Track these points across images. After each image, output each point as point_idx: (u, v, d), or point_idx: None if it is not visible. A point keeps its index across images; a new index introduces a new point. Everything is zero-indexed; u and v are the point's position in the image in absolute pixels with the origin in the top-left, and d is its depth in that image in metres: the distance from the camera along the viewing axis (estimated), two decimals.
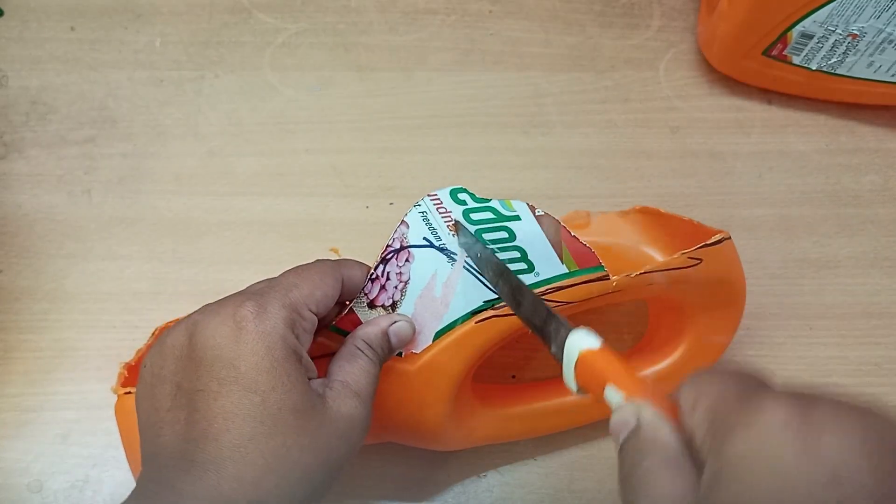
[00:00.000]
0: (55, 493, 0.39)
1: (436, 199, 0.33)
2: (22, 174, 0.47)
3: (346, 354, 0.30)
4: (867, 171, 0.48)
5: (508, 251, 0.32)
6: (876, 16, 0.43)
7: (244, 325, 0.26)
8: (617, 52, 0.52)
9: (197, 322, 0.27)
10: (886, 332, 0.44)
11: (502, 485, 0.39)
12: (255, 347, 0.26)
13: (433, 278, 0.32)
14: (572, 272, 0.32)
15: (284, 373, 0.26)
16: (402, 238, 0.32)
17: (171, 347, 0.27)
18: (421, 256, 0.32)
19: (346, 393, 0.28)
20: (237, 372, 0.25)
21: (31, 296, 0.43)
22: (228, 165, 0.47)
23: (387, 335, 0.31)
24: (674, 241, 0.39)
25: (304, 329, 0.28)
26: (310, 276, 0.29)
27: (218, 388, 0.25)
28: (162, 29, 0.51)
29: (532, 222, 0.33)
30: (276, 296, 0.27)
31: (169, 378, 0.27)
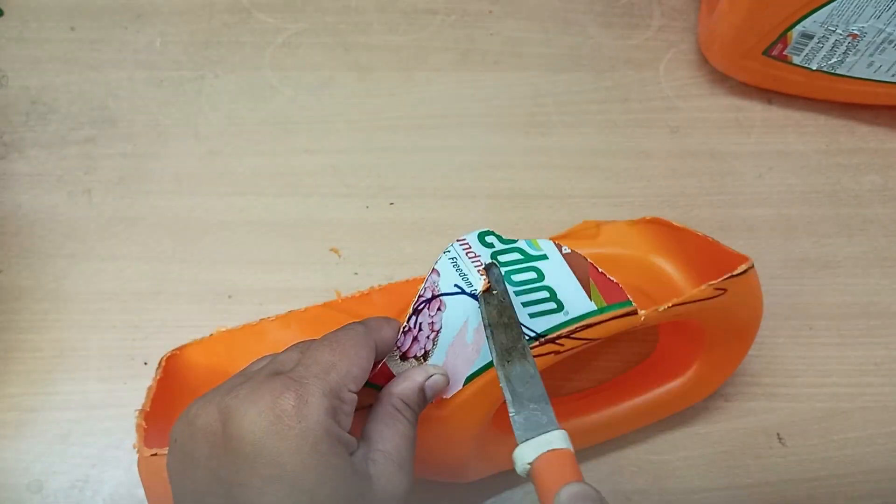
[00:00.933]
0: (55, 493, 0.39)
1: (464, 243, 0.32)
2: (22, 174, 0.47)
3: (383, 416, 0.29)
4: (867, 171, 0.48)
5: (537, 291, 0.32)
6: (876, 16, 0.43)
7: (285, 420, 0.25)
8: (617, 52, 0.52)
9: (231, 409, 0.25)
10: (886, 332, 0.44)
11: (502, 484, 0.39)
12: (299, 445, 0.25)
13: (465, 325, 0.31)
14: (601, 309, 0.32)
15: (331, 466, 0.25)
16: (433, 287, 0.31)
17: (204, 431, 0.26)
18: (452, 304, 0.31)
19: (391, 468, 0.27)
20: (282, 470, 0.24)
21: (31, 296, 0.43)
22: (228, 165, 0.47)
23: (423, 391, 0.30)
24: (685, 254, 0.39)
25: (345, 413, 0.27)
26: (345, 351, 0.28)
27: (261, 485, 0.24)
28: (162, 29, 0.51)
29: (559, 261, 0.33)
30: (315, 383, 0.26)
31: (203, 463, 0.26)
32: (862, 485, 0.40)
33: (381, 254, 0.45)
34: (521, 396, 0.28)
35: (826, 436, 0.41)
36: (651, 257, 0.40)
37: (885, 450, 0.41)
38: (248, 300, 0.43)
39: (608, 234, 0.40)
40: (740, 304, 0.36)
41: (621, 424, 0.39)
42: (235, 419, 0.25)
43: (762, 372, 0.42)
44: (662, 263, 0.39)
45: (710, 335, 0.37)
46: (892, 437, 0.41)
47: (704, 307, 0.34)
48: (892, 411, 0.42)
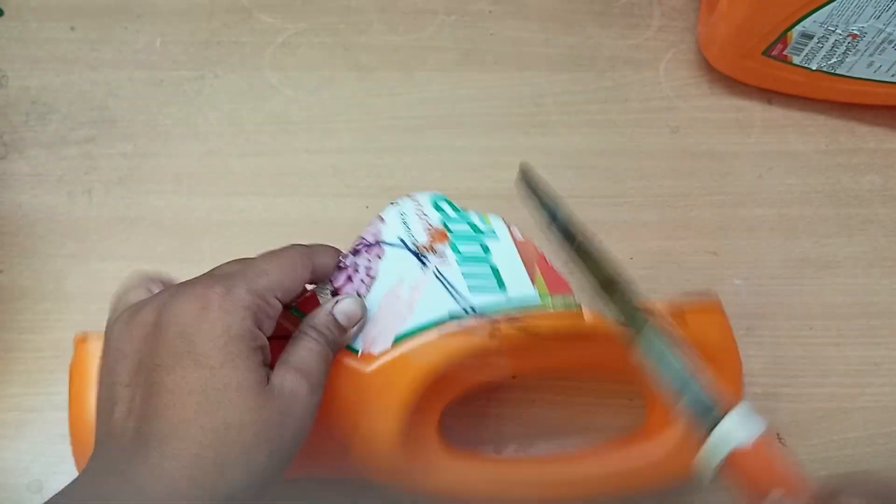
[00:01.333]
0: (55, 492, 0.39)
1: (416, 201, 0.33)
2: (22, 174, 0.47)
3: (294, 339, 0.30)
4: (867, 171, 0.48)
5: (481, 266, 0.32)
6: (876, 16, 0.43)
7: (209, 304, 0.27)
8: (617, 52, 0.52)
9: (165, 302, 0.27)
10: (886, 332, 0.44)
11: None
12: (213, 325, 0.26)
13: (401, 279, 0.31)
14: (542, 297, 0.31)
15: (237, 350, 0.26)
16: (376, 233, 0.32)
17: (139, 325, 0.27)
18: (392, 255, 0.31)
19: (288, 370, 0.28)
20: (192, 346, 0.26)
21: (32, 296, 0.43)
22: (228, 165, 0.47)
23: (332, 315, 0.31)
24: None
25: (267, 315, 0.28)
26: (281, 263, 0.29)
27: (173, 362, 0.26)
28: (162, 29, 0.51)
29: (508, 243, 0.32)
30: (244, 280, 0.28)
31: (131, 354, 0.27)
32: None
33: None
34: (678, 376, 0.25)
35: (826, 436, 0.41)
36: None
37: (885, 450, 0.41)
38: None
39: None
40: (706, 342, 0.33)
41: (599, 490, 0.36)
42: (167, 308, 0.27)
43: (762, 372, 0.42)
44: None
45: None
46: (892, 437, 0.41)
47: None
48: (892, 411, 0.42)
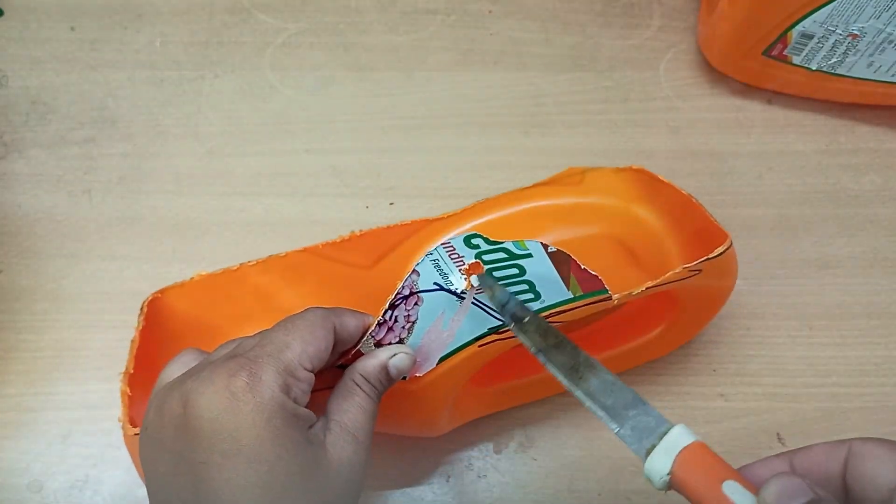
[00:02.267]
0: (55, 493, 0.39)
1: (448, 246, 0.33)
2: (22, 174, 0.47)
3: (342, 391, 0.29)
4: (867, 171, 0.48)
5: (517, 284, 0.32)
6: (876, 16, 0.43)
7: (239, 396, 0.26)
8: (617, 52, 0.52)
9: (190, 391, 0.26)
10: (886, 332, 0.44)
11: (502, 485, 0.39)
12: (254, 419, 0.25)
13: (441, 315, 0.32)
14: (577, 297, 0.32)
15: (287, 439, 0.26)
16: (411, 286, 0.32)
17: (169, 416, 0.27)
18: (430, 299, 0.32)
19: (345, 437, 0.28)
20: (239, 444, 0.25)
21: (31, 296, 0.43)
22: (228, 165, 0.47)
23: (385, 368, 0.30)
24: (667, 208, 0.39)
25: (300, 390, 0.27)
26: (299, 331, 0.28)
27: (221, 460, 0.25)
28: (162, 29, 0.51)
29: (543, 258, 0.33)
30: (268, 361, 0.27)
31: (169, 447, 0.26)
32: None
33: None
34: (615, 408, 0.26)
35: (826, 436, 0.41)
36: (633, 207, 0.40)
37: None
38: None
39: (592, 181, 0.41)
40: (715, 279, 0.36)
41: None
42: (193, 400, 0.26)
43: (762, 372, 0.42)
44: (645, 214, 0.39)
45: (683, 301, 0.37)
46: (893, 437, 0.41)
47: (678, 284, 0.34)
48: (892, 411, 0.42)
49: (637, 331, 0.40)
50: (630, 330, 0.40)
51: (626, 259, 0.39)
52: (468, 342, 0.32)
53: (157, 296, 0.37)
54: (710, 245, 0.34)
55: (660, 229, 0.39)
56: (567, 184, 0.41)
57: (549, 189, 0.38)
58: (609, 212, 0.40)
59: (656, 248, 0.39)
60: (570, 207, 0.39)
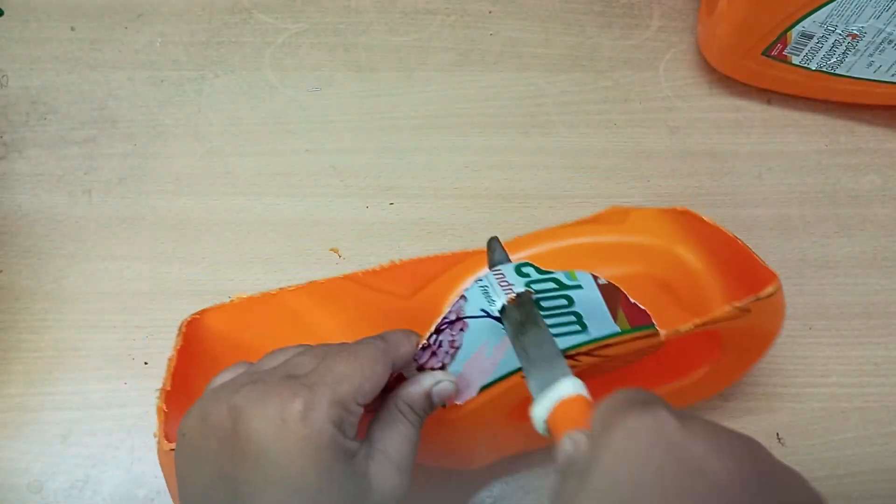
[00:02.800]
0: (55, 493, 0.39)
1: (499, 273, 0.32)
2: (22, 174, 0.47)
3: (387, 418, 0.29)
4: (867, 171, 0.48)
5: (565, 315, 0.32)
6: (876, 16, 0.43)
7: (291, 425, 0.25)
8: (617, 52, 0.52)
9: (241, 409, 0.26)
10: (886, 332, 0.44)
11: (502, 485, 0.39)
12: (302, 449, 0.25)
13: (486, 343, 0.31)
14: (624, 331, 0.32)
15: (332, 473, 0.26)
16: (458, 311, 0.31)
17: (214, 428, 0.26)
18: (475, 325, 0.31)
19: (389, 468, 0.28)
20: (284, 472, 0.25)
21: (31, 296, 0.43)
22: (228, 165, 0.47)
23: (429, 396, 0.30)
24: (712, 250, 0.39)
25: (350, 424, 0.27)
26: (361, 365, 0.28)
27: (264, 485, 0.25)
28: (162, 29, 0.51)
29: (593, 290, 0.33)
30: (324, 392, 0.26)
31: (212, 459, 0.26)
32: (862, 485, 0.40)
33: (381, 254, 0.45)
34: (534, 360, 0.28)
35: (826, 436, 0.41)
36: (677, 248, 0.39)
37: (885, 450, 0.41)
38: None
39: (636, 221, 0.40)
40: (763, 320, 0.35)
41: None
42: (244, 419, 0.25)
43: (762, 372, 0.42)
44: (688, 256, 0.39)
45: (728, 343, 0.37)
46: (892, 437, 0.41)
47: (726, 324, 0.33)
48: (892, 411, 0.42)
49: (679, 372, 0.39)
50: (672, 371, 0.39)
51: (668, 299, 0.39)
52: (510, 372, 0.31)
53: (196, 317, 0.36)
54: (754, 285, 0.33)
55: (703, 270, 0.39)
56: (610, 222, 0.40)
57: (591, 227, 0.37)
58: (652, 252, 0.39)
59: (699, 289, 0.38)
60: (613, 246, 0.39)
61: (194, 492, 0.27)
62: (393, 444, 0.28)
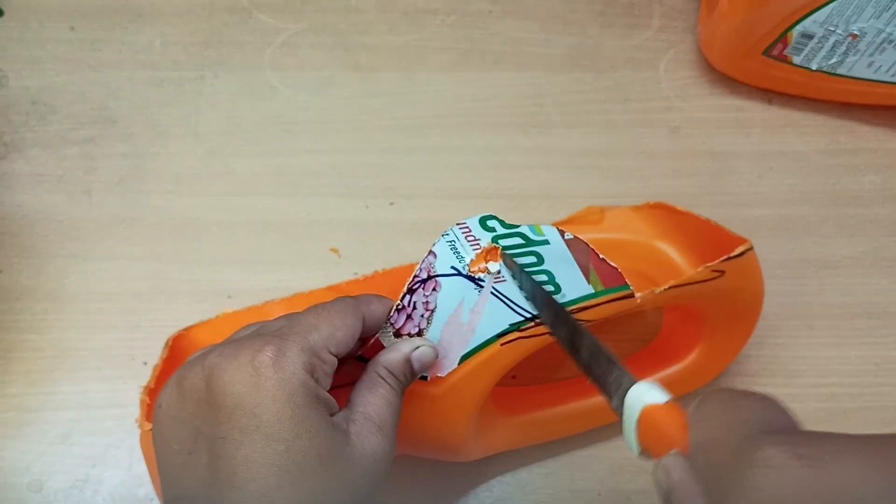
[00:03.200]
0: (55, 492, 0.39)
1: (464, 226, 0.32)
2: (22, 174, 0.47)
3: (367, 383, 0.29)
4: (867, 171, 0.48)
5: (536, 275, 0.32)
6: (876, 16, 0.43)
7: (263, 371, 0.25)
8: (617, 52, 0.52)
9: (214, 366, 0.26)
10: (886, 332, 0.44)
11: (502, 484, 0.39)
12: (275, 395, 0.25)
13: (460, 305, 0.31)
14: (598, 292, 0.32)
15: (307, 419, 0.26)
16: (429, 268, 0.31)
17: (190, 390, 0.26)
18: (448, 285, 0.31)
19: (370, 428, 0.28)
20: (259, 420, 0.25)
21: (32, 296, 0.43)
22: (228, 165, 0.47)
23: (409, 361, 0.30)
24: (687, 238, 0.39)
25: (324, 372, 0.27)
26: (329, 316, 0.28)
27: (240, 436, 0.25)
28: (162, 29, 0.51)
29: (561, 246, 0.33)
30: (295, 339, 0.27)
31: (188, 421, 0.26)
32: None
33: (381, 254, 0.45)
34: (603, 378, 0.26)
35: None
36: (655, 242, 0.40)
37: None
38: (248, 300, 0.43)
39: (612, 219, 0.41)
40: (740, 287, 0.36)
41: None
42: (217, 374, 0.26)
43: (762, 372, 0.42)
44: (666, 248, 0.39)
45: (712, 319, 0.37)
46: None
47: (703, 290, 0.34)
48: (893, 411, 0.42)
49: (672, 357, 0.39)
50: (665, 357, 0.39)
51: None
52: (490, 339, 0.32)
53: (183, 333, 0.37)
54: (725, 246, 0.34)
55: (682, 259, 0.39)
56: (586, 222, 0.41)
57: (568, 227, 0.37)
58: (630, 247, 0.40)
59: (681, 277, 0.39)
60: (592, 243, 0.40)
61: (174, 461, 0.26)
62: (373, 406, 0.28)
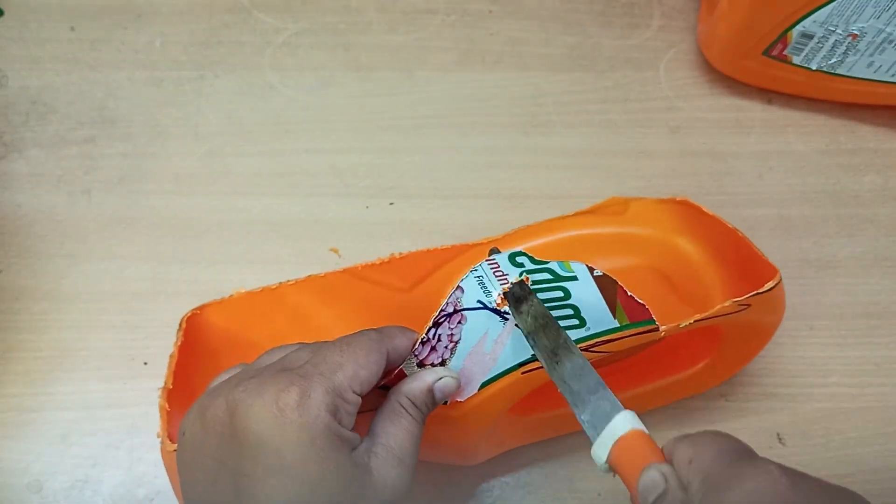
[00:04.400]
0: (55, 493, 0.39)
1: (493, 262, 0.32)
2: (22, 174, 0.47)
3: (389, 413, 0.29)
4: (867, 171, 0.48)
5: (562, 308, 0.32)
6: (876, 16, 0.43)
7: (287, 413, 0.26)
8: (617, 52, 0.52)
9: (238, 402, 0.26)
10: (886, 332, 0.44)
11: (502, 485, 0.39)
12: (299, 437, 0.25)
13: (485, 336, 0.31)
14: (623, 326, 0.32)
15: (332, 461, 0.26)
16: (455, 303, 0.31)
17: (213, 422, 0.26)
18: (473, 318, 0.31)
19: (391, 461, 0.28)
20: (282, 461, 0.25)
21: (31, 296, 0.43)
22: (228, 165, 0.47)
23: (431, 391, 0.30)
24: (711, 241, 0.39)
25: (347, 412, 0.27)
26: (355, 354, 0.28)
27: (263, 475, 0.25)
28: (162, 29, 0.51)
29: (589, 281, 0.32)
30: (319, 381, 0.27)
31: (212, 454, 0.26)
32: (862, 485, 0.40)
33: (380, 254, 0.45)
34: (580, 393, 0.28)
35: (826, 436, 0.41)
36: (677, 239, 0.40)
37: (885, 450, 0.41)
38: None
39: (636, 211, 0.40)
40: (763, 315, 0.35)
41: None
42: (241, 411, 0.26)
43: (762, 372, 0.42)
44: (687, 246, 0.39)
45: (728, 336, 0.37)
46: (892, 437, 0.41)
47: (726, 319, 0.33)
48: (892, 411, 0.42)
49: (679, 365, 0.39)
50: (672, 364, 0.39)
51: (667, 291, 0.39)
52: (511, 368, 0.31)
53: (196, 312, 0.37)
54: (754, 278, 0.34)
55: (703, 262, 0.39)
56: (609, 213, 0.41)
57: (591, 218, 0.38)
58: (651, 243, 0.40)
59: (699, 281, 0.38)
60: (612, 237, 0.39)
61: (197, 489, 0.27)
62: (395, 437, 0.28)
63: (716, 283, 0.39)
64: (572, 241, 0.40)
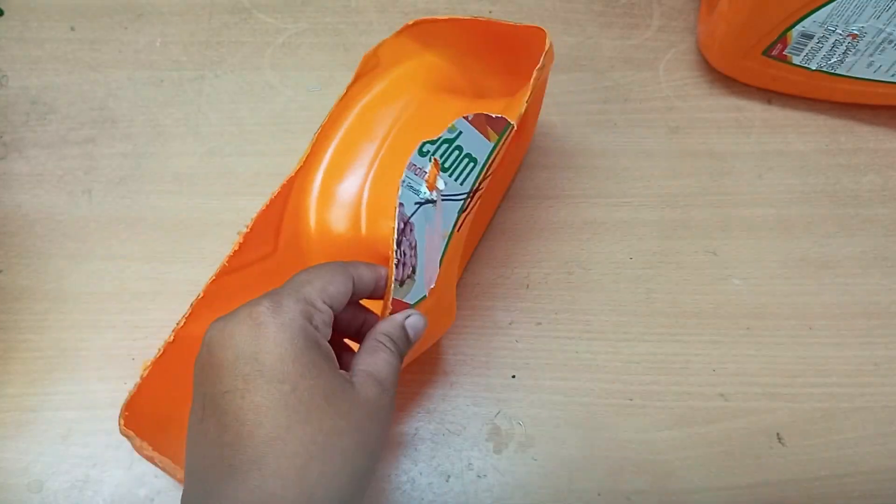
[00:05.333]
0: (55, 493, 0.39)
1: (412, 166, 0.35)
2: (22, 174, 0.47)
3: (367, 349, 0.30)
4: (867, 171, 0.48)
5: (462, 161, 0.36)
6: (876, 16, 0.43)
7: (261, 320, 0.26)
8: (617, 52, 0.52)
9: (213, 332, 0.27)
10: (886, 332, 0.44)
11: (502, 485, 0.39)
12: (276, 338, 0.26)
13: (430, 225, 0.34)
14: (495, 143, 0.36)
15: (310, 360, 0.26)
16: (402, 217, 0.33)
17: (196, 364, 0.27)
18: (418, 218, 0.34)
19: (370, 381, 0.28)
20: (261, 365, 0.25)
21: (32, 296, 0.43)
22: (228, 165, 0.47)
23: (404, 328, 0.31)
24: (459, 41, 0.43)
25: (322, 321, 0.28)
26: (320, 273, 0.29)
27: (244, 385, 0.25)
28: (162, 29, 0.51)
29: (468, 128, 0.36)
30: (289, 292, 0.28)
31: (197, 391, 0.27)
32: (862, 485, 0.40)
33: None
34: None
35: (826, 436, 0.41)
36: (429, 56, 0.44)
37: (885, 450, 0.41)
38: None
39: (385, 55, 0.43)
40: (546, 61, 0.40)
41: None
42: (216, 337, 0.26)
43: (762, 372, 0.42)
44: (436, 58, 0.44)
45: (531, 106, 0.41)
46: (892, 437, 0.41)
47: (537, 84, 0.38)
48: (892, 411, 0.42)
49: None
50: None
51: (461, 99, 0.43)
52: (451, 233, 0.35)
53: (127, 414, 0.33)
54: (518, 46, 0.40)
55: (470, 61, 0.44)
56: (368, 71, 0.43)
57: (355, 87, 0.41)
58: (417, 74, 0.43)
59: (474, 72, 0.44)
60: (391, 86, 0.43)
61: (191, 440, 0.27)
62: (374, 365, 0.29)
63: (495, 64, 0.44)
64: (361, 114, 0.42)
